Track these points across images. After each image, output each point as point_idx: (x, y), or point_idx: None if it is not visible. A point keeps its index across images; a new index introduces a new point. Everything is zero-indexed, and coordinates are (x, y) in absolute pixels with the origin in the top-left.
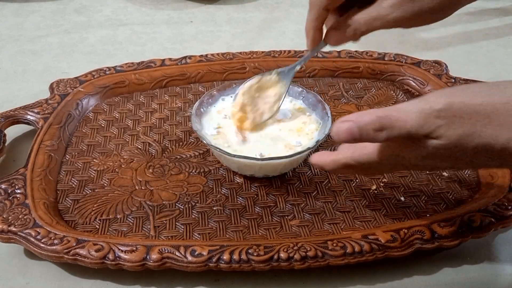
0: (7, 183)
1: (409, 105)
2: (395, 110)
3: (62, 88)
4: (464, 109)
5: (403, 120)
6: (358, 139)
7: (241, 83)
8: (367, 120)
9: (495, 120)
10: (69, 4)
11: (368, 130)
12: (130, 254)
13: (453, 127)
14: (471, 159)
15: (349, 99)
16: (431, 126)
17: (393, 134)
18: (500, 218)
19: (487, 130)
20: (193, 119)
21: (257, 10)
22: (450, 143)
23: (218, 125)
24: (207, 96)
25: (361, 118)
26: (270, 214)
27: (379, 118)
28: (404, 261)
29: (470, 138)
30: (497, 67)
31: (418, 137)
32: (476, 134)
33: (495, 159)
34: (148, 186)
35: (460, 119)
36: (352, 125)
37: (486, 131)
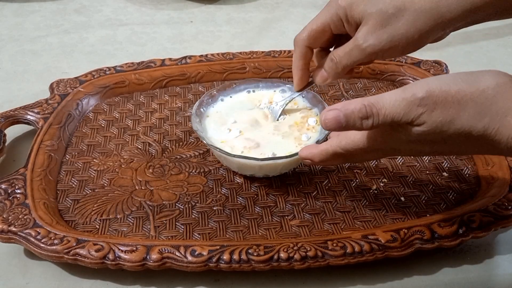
0: (7, 183)
1: (393, 94)
2: (380, 99)
3: (62, 88)
4: (444, 97)
5: (387, 108)
6: (345, 127)
7: (241, 83)
8: (353, 108)
9: (472, 107)
10: (69, 4)
11: (355, 118)
12: (130, 254)
13: (433, 114)
14: (452, 145)
15: (349, 99)
16: (414, 113)
17: (379, 122)
18: (500, 218)
19: (465, 117)
20: (193, 119)
21: (257, 10)
22: (431, 129)
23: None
24: (207, 96)
25: (348, 106)
26: (270, 214)
27: (365, 106)
28: (404, 261)
29: (450, 125)
30: (497, 67)
31: (402, 124)
32: (455, 120)
33: (473, 145)
34: (148, 186)
35: (441, 106)
36: (339, 113)
37: (464, 118)
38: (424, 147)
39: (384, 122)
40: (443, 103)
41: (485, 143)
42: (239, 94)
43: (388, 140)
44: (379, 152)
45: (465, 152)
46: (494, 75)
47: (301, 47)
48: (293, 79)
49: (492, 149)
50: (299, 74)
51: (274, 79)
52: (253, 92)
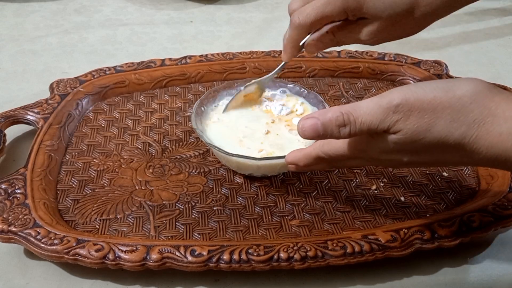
0: (7, 183)
1: (370, 102)
2: (357, 106)
3: (62, 88)
4: (420, 104)
5: (364, 116)
6: (322, 136)
7: (243, 83)
8: (331, 116)
9: (448, 115)
10: (69, 4)
11: (332, 126)
12: (130, 254)
13: (409, 121)
14: (429, 154)
15: (349, 99)
16: (389, 120)
17: (356, 130)
18: (500, 218)
19: (441, 125)
20: (193, 118)
21: (257, 10)
22: (407, 137)
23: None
24: (208, 95)
25: (325, 115)
26: (270, 214)
27: (342, 114)
28: (404, 261)
29: (426, 133)
30: (497, 67)
31: (379, 132)
32: (431, 128)
33: (452, 155)
34: (148, 186)
35: (416, 114)
36: (316, 121)
37: (440, 126)
38: (403, 157)
39: (361, 130)
40: (418, 110)
41: (463, 153)
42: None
43: (367, 149)
44: (360, 160)
45: (445, 163)
46: (471, 82)
47: (301, 33)
48: (283, 51)
49: (471, 159)
50: (291, 50)
51: (274, 79)
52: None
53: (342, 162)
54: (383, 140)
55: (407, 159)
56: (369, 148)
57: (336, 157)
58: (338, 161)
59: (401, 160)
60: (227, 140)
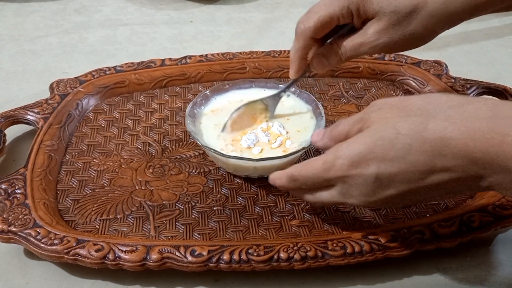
0: (7, 183)
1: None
2: (304, 164)
3: (62, 88)
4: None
5: (309, 176)
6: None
7: (233, 85)
8: (283, 177)
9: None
10: (69, 4)
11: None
12: (130, 254)
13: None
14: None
15: (349, 99)
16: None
17: (305, 185)
18: (500, 218)
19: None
20: (187, 120)
21: (257, 10)
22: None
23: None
24: (200, 97)
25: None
26: (270, 214)
27: (291, 175)
28: (404, 261)
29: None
30: (497, 67)
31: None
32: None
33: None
34: (148, 186)
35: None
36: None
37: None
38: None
39: (306, 185)
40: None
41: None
42: (231, 94)
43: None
44: (335, 191)
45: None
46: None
47: (306, 39)
48: (291, 67)
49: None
50: (298, 64)
51: (269, 79)
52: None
53: (316, 190)
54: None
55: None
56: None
57: (308, 180)
58: (311, 187)
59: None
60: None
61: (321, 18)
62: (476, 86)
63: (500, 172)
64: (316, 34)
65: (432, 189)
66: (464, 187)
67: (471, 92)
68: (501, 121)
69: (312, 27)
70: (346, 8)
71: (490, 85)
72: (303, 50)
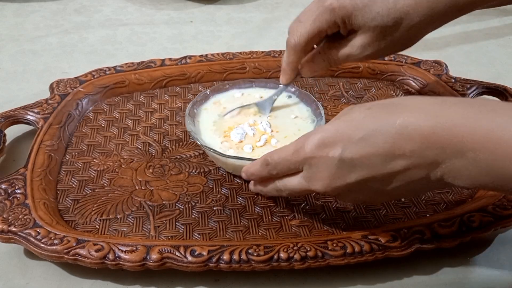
0: (7, 183)
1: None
2: (277, 149)
3: (62, 88)
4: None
5: (280, 159)
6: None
7: (233, 84)
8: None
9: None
10: (69, 4)
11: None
12: (130, 254)
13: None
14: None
15: (349, 99)
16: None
17: (276, 170)
18: (500, 218)
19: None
20: (187, 120)
21: (257, 10)
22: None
23: None
24: (200, 96)
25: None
26: (270, 214)
27: (264, 159)
28: (404, 261)
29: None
30: (497, 67)
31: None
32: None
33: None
34: (148, 186)
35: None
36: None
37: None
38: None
39: (281, 169)
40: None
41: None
42: (231, 93)
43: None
44: (307, 176)
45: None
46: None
47: (297, 53)
48: (282, 74)
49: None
50: (290, 73)
51: (269, 79)
52: (246, 93)
53: (285, 177)
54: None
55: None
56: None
57: (278, 162)
58: (280, 171)
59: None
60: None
61: (309, 33)
62: (476, 86)
63: (454, 156)
64: (306, 48)
65: (392, 179)
66: (420, 179)
67: (471, 92)
68: (453, 107)
69: (302, 43)
70: (333, 22)
71: (490, 85)
72: (295, 63)
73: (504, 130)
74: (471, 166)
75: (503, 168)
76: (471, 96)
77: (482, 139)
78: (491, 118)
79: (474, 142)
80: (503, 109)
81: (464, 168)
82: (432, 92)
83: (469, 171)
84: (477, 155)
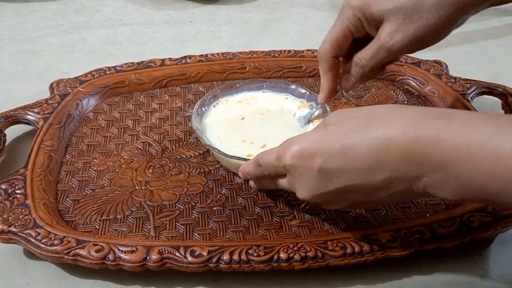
0: (7, 183)
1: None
2: (267, 151)
3: (62, 88)
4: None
5: (267, 162)
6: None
7: (245, 84)
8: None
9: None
10: (69, 4)
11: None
12: (130, 255)
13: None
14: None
15: (349, 99)
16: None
17: (266, 171)
18: (500, 218)
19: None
20: (194, 118)
21: (257, 10)
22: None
23: None
24: (210, 95)
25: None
26: (270, 214)
27: (256, 160)
28: (404, 261)
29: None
30: (497, 67)
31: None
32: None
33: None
34: (148, 186)
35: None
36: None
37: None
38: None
39: (269, 172)
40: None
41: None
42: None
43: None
44: (292, 178)
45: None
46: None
47: (327, 60)
48: (321, 91)
49: None
50: (329, 87)
51: (276, 79)
52: (264, 93)
53: (276, 178)
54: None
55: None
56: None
57: (266, 165)
58: (270, 173)
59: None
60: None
61: (333, 36)
62: (476, 86)
63: (435, 170)
64: (336, 52)
65: (374, 191)
66: (403, 190)
67: (471, 92)
68: (435, 121)
69: (328, 48)
70: (352, 17)
71: (490, 85)
72: (329, 72)
73: (484, 147)
74: (453, 180)
75: (484, 183)
76: (471, 96)
77: (463, 154)
78: (472, 133)
79: (455, 157)
80: (485, 124)
81: (445, 181)
82: (432, 92)
83: (451, 185)
84: (458, 170)
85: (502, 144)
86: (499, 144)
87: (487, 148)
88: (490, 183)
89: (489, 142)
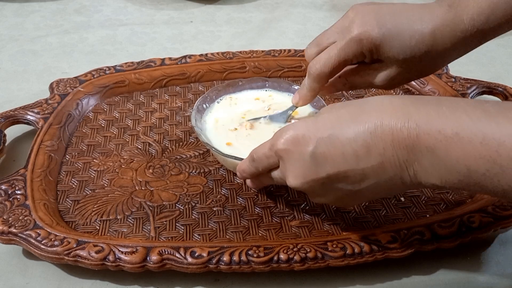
0: (7, 184)
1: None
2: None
3: (62, 88)
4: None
5: (260, 154)
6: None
7: (247, 82)
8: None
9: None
10: (69, 4)
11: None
12: (130, 256)
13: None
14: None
15: (349, 98)
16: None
17: (260, 166)
18: (500, 219)
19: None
20: (193, 115)
21: (257, 10)
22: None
23: None
24: (212, 92)
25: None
26: (270, 214)
27: (251, 156)
28: (404, 261)
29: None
30: (497, 67)
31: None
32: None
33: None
34: (148, 186)
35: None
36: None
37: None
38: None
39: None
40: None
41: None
42: (249, 93)
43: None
44: (284, 168)
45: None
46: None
47: (322, 80)
48: (300, 98)
49: None
50: (310, 98)
51: (278, 79)
52: (266, 92)
53: (270, 172)
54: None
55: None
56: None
57: (260, 158)
58: (264, 167)
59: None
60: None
61: (334, 63)
62: (476, 85)
63: (424, 154)
64: (330, 76)
65: (364, 177)
66: (392, 177)
67: (471, 92)
68: (423, 106)
69: (327, 72)
70: (359, 53)
71: (490, 85)
72: (318, 90)
73: (470, 128)
74: (440, 163)
75: (470, 165)
76: (471, 96)
77: (450, 135)
78: (459, 116)
79: (442, 138)
80: (473, 108)
81: (433, 165)
82: (432, 92)
83: (440, 168)
84: (446, 152)
85: (489, 125)
86: (485, 125)
87: (474, 129)
88: (476, 164)
89: (475, 125)
